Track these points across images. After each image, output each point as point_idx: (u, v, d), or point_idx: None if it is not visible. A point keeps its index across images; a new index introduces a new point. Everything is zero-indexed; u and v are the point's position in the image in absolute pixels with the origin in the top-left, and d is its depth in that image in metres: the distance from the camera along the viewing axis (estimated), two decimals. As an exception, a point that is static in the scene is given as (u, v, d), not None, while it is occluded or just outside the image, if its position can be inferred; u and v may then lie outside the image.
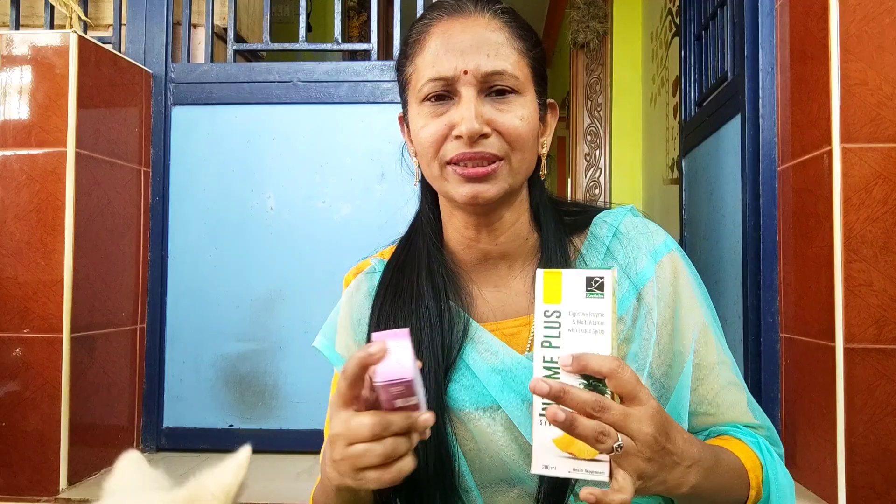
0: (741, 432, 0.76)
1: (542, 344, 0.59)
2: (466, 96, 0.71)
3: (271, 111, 1.92)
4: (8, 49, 1.59)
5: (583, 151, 3.70)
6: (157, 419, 1.86)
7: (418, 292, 0.78)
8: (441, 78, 0.71)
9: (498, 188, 0.73)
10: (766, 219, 1.60)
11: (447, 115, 0.72)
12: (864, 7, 1.31)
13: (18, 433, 1.54)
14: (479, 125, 0.70)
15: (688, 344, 0.75)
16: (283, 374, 1.87)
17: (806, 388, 1.44)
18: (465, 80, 0.71)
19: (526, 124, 0.72)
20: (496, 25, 0.73)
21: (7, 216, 1.57)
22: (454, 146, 0.72)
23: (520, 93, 0.73)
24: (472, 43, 0.71)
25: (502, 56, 0.71)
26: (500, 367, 0.74)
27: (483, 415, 0.74)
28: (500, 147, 0.71)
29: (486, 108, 0.71)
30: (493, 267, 0.81)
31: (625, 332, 0.74)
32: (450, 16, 0.74)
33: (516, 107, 0.72)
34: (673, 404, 0.75)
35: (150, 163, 1.90)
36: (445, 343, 0.76)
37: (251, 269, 1.88)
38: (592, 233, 0.80)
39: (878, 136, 1.30)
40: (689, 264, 0.80)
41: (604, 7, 3.67)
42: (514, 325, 0.78)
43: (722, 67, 1.92)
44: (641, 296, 0.75)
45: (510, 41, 0.73)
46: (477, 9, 0.74)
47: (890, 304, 1.28)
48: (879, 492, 1.27)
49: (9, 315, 1.56)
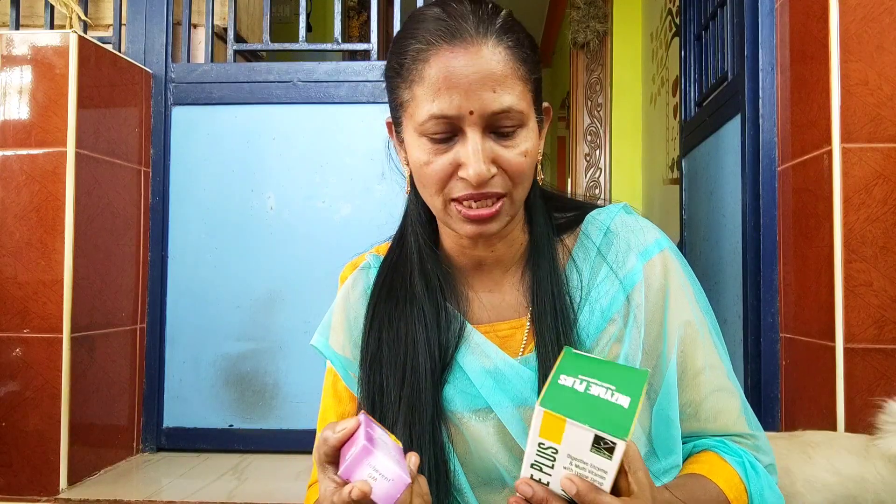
0: (727, 450, 0.76)
1: (532, 465, 0.55)
2: (472, 138, 0.68)
3: (271, 111, 1.92)
4: (8, 49, 1.60)
5: (583, 151, 3.70)
6: (157, 419, 1.86)
7: (412, 292, 0.78)
8: (445, 116, 0.68)
9: (500, 223, 0.72)
10: (766, 219, 1.60)
11: (452, 153, 0.69)
12: (864, 7, 1.31)
13: (18, 433, 1.54)
14: (486, 170, 0.67)
15: (672, 344, 0.74)
16: (283, 374, 1.87)
17: (806, 388, 1.44)
18: (470, 120, 0.67)
19: (530, 158, 0.70)
20: (500, 54, 0.68)
21: (7, 216, 1.57)
22: (460, 186, 0.70)
23: (524, 125, 0.70)
24: (477, 79, 0.66)
25: (507, 89, 0.68)
26: (493, 370, 0.74)
27: (475, 417, 0.74)
28: (503, 185, 0.70)
29: (490, 144, 0.69)
30: (488, 271, 0.81)
31: (616, 332, 0.74)
32: (450, 43, 0.68)
33: (521, 141, 0.70)
34: (660, 405, 0.74)
35: (150, 163, 1.90)
36: (442, 344, 0.76)
37: (251, 269, 1.88)
38: (584, 232, 0.79)
39: (878, 136, 1.30)
40: (683, 263, 0.79)
41: (604, 7, 3.67)
42: (508, 328, 0.78)
43: (722, 67, 1.92)
44: (631, 297, 0.74)
45: (515, 70, 0.69)
46: (479, 33, 0.68)
47: (890, 304, 1.28)
48: (879, 492, 1.27)
49: (9, 315, 1.56)
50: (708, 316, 0.79)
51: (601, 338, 0.74)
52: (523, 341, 0.77)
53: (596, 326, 0.74)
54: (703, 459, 0.75)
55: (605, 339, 0.74)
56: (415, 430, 0.72)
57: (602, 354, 0.73)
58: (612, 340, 0.74)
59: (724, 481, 0.72)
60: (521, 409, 0.73)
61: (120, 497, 1.51)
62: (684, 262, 0.79)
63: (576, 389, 0.53)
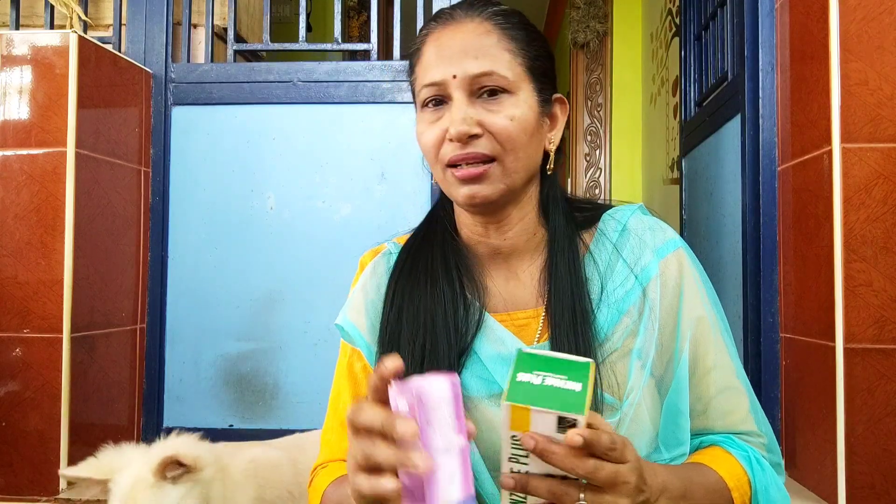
0: (733, 444, 0.77)
1: (510, 459, 0.60)
2: (457, 99, 0.73)
3: (271, 111, 1.92)
4: (8, 49, 1.59)
5: (583, 151, 3.71)
6: (157, 419, 1.86)
7: (433, 274, 0.80)
8: (433, 83, 0.74)
9: (492, 188, 0.74)
10: (766, 219, 1.60)
11: (442, 119, 0.75)
12: (864, 7, 1.31)
13: (18, 433, 1.54)
14: (466, 126, 0.72)
15: (685, 339, 0.76)
16: (283, 373, 1.87)
17: (806, 388, 1.44)
18: (454, 84, 0.73)
19: (517, 124, 0.73)
20: (486, 28, 0.75)
21: (7, 216, 1.57)
22: (450, 148, 0.74)
23: (512, 92, 0.74)
24: (461, 48, 0.73)
25: (491, 57, 0.73)
26: (509, 356, 0.75)
27: (490, 402, 0.75)
28: (491, 147, 0.73)
29: (476, 109, 0.73)
30: (504, 261, 0.82)
31: (631, 325, 0.75)
32: (443, 24, 0.77)
33: (507, 106, 0.73)
34: (671, 400, 0.75)
35: (150, 163, 1.90)
36: (460, 329, 0.77)
37: (251, 269, 1.88)
38: (601, 229, 0.81)
39: (878, 136, 1.30)
40: (696, 263, 0.80)
41: (604, 7, 3.67)
42: (525, 317, 0.79)
43: (722, 67, 1.92)
44: (646, 290, 0.76)
45: (500, 42, 0.74)
46: (467, 14, 0.76)
47: (890, 304, 1.28)
48: (879, 492, 1.27)
49: (9, 315, 1.56)
50: (719, 315, 0.80)
51: (616, 330, 0.75)
52: (538, 330, 0.78)
53: (611, 319, 0.75)
54: (706, 451, 0.76)
55: (619, 332, 0.75)
56: None
57: (616, 347, 0.75)
58: (626, 333, 0.75)
59: (725, 471, 0.73)
60: None
61: (120, 497, 1.51)
62: (697, 262, 0.81)
63: (533, 383, 0.58)
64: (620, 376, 0.73)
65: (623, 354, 0.74)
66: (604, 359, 0.74)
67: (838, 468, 1.29)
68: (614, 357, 0.74)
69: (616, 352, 0.74)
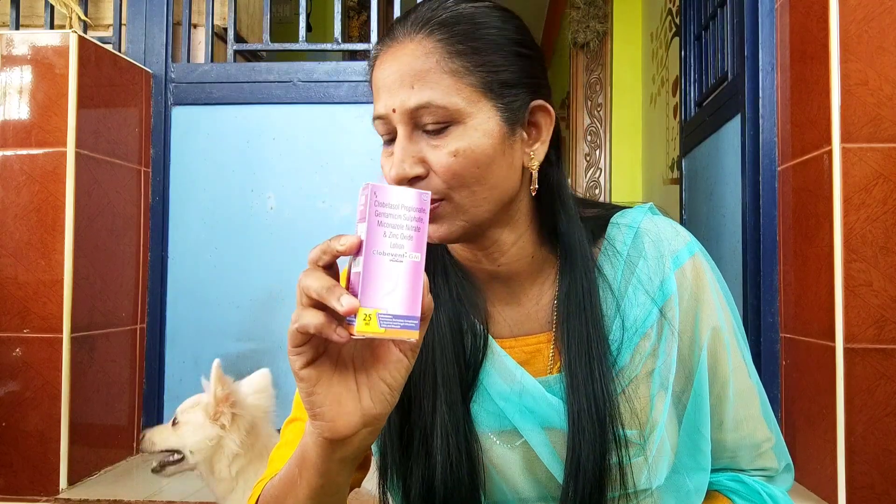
0: (741, 494, 0.73)
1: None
2: (400, 136, 0.65)
3: (271, 111, 1.92)
4: (8, 49, 1.59)
5: (583, 151, 3.71)
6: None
7: (436, 297, 0.72)
8: (378, 117, 0.66)
9: (448, 228, 0.66)
10: (766, 219, 1.60)
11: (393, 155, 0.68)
12: (864, 7, 1.31)
13: (18, 433, 1.54)
14: (404, 170, 0.64)
15: (701, 349, 0.71)
16: (283, 373, 1.87)
17: (806, 388, 1.44)
18: (395, 118, 0.65)
19: (462, 158, 0.64)
20: (425, 49, 0.64)
21: (7, 216, 1.57)
22: None
23: (458, 122, 0.64)
24: (398, 76, 0.64)
25: (430, 85, 0.63)
26: (519, 390, 0.70)
27: (499, 438, 0.71)
28: (436, 187, 0.64)
29: (419, 146, 0.65)
30: (504, 284, 0.75)
31: (650, 347, 0.70)
32: (386, 47, 0.67)
33: (452, 139, 0.64)
34: (689, 416, 0.70)
35: (150, 163, 1.90)
36: (468, 358, 0.72)
37: (251, 269, 1.88)
38: (609, 239, 0.73)
39: (878, 136, 1.30)
40: (713, 267, 0.75)
41: (604, 7, 3.67)
42: (535, 342, 0.74)
43: (722, 67, 1.92)
44: (664, 310, 0.70)
45: (441, 63, 0.64)
46: (407, 34, 0.65)
47: (890, 304, 1.28)
48: (879, 492, 1.27)
49: (9, 315, 1.56)
50: (733, 315, 0.76)
51: (634, 355, 0.70)
52: (550, 357, 0.73)
53: (628, 342, 0.70)
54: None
55: (638, 357, 0.70)
56: (451, 443, 0.69)
57: (636, 373, 0.70)
58: (645, 356, 0.70)
59: None
60: (549, 430, 0.69)
61: (120, 497, 1.51)
62: (712, 263, 0.76)
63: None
64: (642, 403, 0.69)
65: (643, 378, 0.69)
66: (623, 388, 0.68)
67: (838, 468, 1.29)
68: (634, 383, 0.69)
69: (636, 378, 0.69)
